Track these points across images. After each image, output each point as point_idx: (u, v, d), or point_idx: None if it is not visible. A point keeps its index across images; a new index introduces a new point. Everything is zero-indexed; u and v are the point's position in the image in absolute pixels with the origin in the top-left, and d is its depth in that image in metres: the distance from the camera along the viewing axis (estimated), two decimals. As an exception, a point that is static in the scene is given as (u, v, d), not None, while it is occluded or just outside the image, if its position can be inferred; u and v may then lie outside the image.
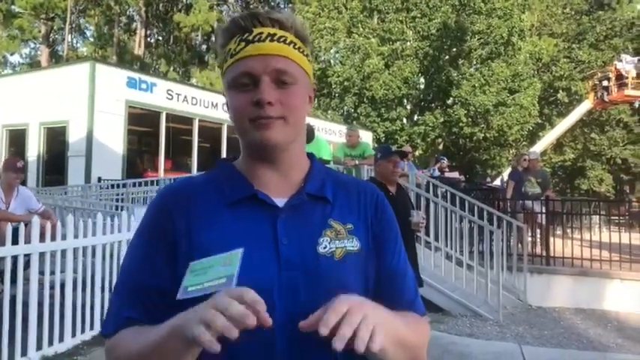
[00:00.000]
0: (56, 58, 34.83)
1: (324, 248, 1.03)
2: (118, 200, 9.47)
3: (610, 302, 7.82)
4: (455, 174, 11.45)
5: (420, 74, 25.99)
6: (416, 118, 26.91)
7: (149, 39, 38.90)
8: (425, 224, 4.57)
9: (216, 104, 15.26)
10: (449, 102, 25.91)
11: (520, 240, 8.33)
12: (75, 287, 4.66)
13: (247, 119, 1.02)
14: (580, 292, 8.06)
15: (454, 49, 25.55)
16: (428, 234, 7.24)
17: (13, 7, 31.10)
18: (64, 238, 4.56)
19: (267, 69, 1.01)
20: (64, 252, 4.55)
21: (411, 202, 4.93)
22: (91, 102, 12.01)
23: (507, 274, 7.77)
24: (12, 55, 36.95)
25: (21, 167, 6.11)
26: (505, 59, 24.95)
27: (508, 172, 11.74)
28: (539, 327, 6.71)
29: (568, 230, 10.10)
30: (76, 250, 4.71)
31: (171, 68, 35.61)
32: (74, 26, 37.35)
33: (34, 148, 13.19)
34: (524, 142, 29.22)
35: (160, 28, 39.36)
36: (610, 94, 23.55)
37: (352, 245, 1.06)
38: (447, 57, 25.86)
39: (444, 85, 25.76)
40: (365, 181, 1.29)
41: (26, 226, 4.26)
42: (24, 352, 4.03)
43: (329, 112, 27.87)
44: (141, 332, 0.96)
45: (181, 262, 0.99)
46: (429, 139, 25.91)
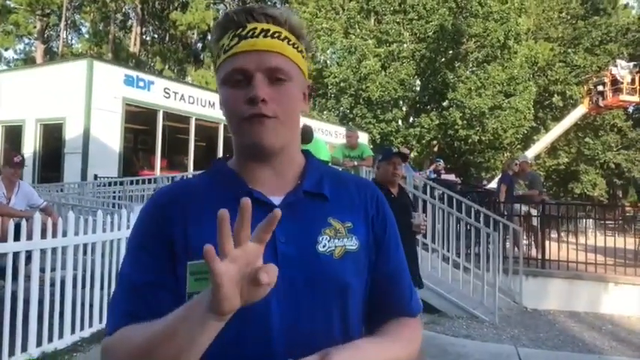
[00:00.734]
0: (51, 55, 34.73)
1: (324, 247, 1.01)
2: (114, 198, 9.45)
3: (604, 305, 7.88)
4: (451, 176, 11.50)
5: (416, 76, 26.06)
6: (411, 119, 27.00)
7: (145, 36, 38.81)
8: (426, 226, 4.60)
9: (213, 103, 15.23)
10: (444, 104, 25.99)
11: (516, 243, 8.38)
12: (75, 284, 4.66)
13: (240, 117, 1.01)
14: (575, 295, 8.13)
15: (450, 52, 25.65)
16: (425, 236, 7.27)
17: (9, 2, 31.00)
18: (64, 234, 4.56)
19: (260, 65, 1.00)
20: (64, 249, 4.55)
21: (412, 203, 4.96)
22: (88, 99, 11.98)
23: (503, 276, 7.81)
24: (6, 50, 36.82)
25: (18, 162, 6.07)
26: (501, 62, 25.07)
27: (500, 176, 11.82)
28: (535, 329, 6.76)
29: (562, 234, 10.18)
30: (76, 247, 4.72)
31: (167, 66, 35.56)
32: (69, 23, 37.24)
33: (30, 145, 13.13)
34: (518, 146, 29.35)
35: (156, 25, 39.29)
36: (605, 99, 23.69)
37: (351, 244, 1.04)
38: (444, 59, 25.95)
39: (439, 87, 25.84)
40: (365, 179, 1.27)
41: (27, 221, 4.26)
42: (24, 348, 4.04)
43: (324, 112, 27.90)
44: (143, 326, 0.91)
45: (180, 262, 0.97)
46: (425, 141, 25.99)
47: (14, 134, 13.71)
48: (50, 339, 4.32)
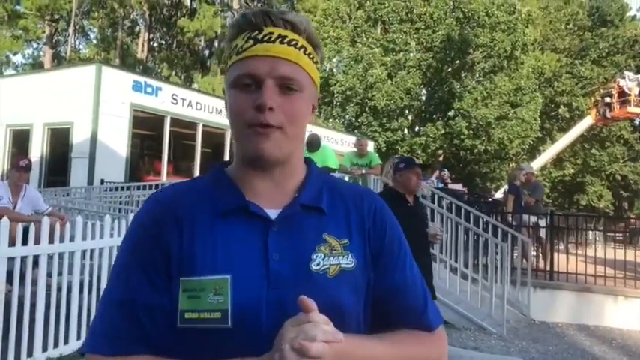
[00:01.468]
0: (59, 60, 34.90)
1: (317, 265, 0.97)
2: (121, 203, 9.43)
3: (614, 319, 7.78)
4: (458, 186, 11.45)
5: (422, 85, 26.07)
6: (417, 129, 26.98)
7: (152, 43, 38.98)
8: (442, 237, 4.54)
9: (221, 110, 15.23)
10: (450, 114, 25.97)
11: (524, 254, 8.31)
12: (81, 289, 4.63)
13: (245, 123, 0.96)
14: (583, 308, 8.04)
15: (457, 62, 25.66)
16: (433, 246, 7.23)
17: (18, 7, 31.19)
18: (72, 239, 4.54)
19: (272, 72, 0.96)
20: (72, 254, 4.53)
21: (426, 214, 4.91)
22: (96, 104, 12.00)
23: (511, 287, 7.75)
24: (15, 55, 37.05)
25: (24, 166, 5.95)
26: (508, 73, 25.07)
27: (507, 187, 11.79)
28: (543, 342, 6.69)
29: (569, 245, 10.10)
30: (84, 252, 4.69)
31: (174, 72, 35.68)
32: (78, 28, 37.43)
33: (38, 149, 13.15)
34: (524, 156, 29.28)
35: (164, 32, 39.45)
36: (612, 110, 23.64)
37: (347, 262, 0.99)
38: (450, 69, 25.96)
39: (446, 96, 25.84)
40: (365, 188, 1.19)
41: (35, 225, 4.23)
42: (29, 352, 4.01)
43: (330, 120, 27.91)
44: None
45: (174, 275, 0.95)
46: (430, 151, 25.95)
47: (22, 138, 13.73)
48: (56, 344, 4.29)
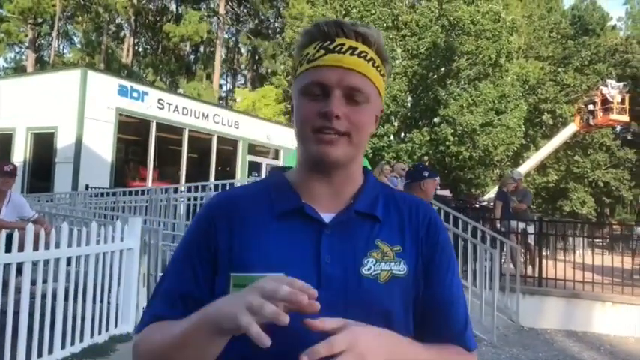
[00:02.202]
0: (42, 64, 34.57)
1: (369, 270, 0.98)
2: (106, 209, 9.31)
3: (602, 325, 7.80)
4: (446, 192, 11.46)
5: (408, 92, 26.18)
6: (403, 135, 27.05)
7: (137, 48, 38.79)
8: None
9: (207, 115, 15.18)
10: (436, 120, 26.08)
11: (513, 260, 8.32)
12: (66, 297, 4.52)
13: (310, 128, 0.99)
14: (572, 314, 8.06)
15: (442, 69, 25.79)
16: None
17: (1, 10, 30.87)
18: (57, 246, 4.43)
19: (341, 83, 0.98)
20: (57, 261, 4.42)
21: None
22: (81, 108, 11.88)
23: (500, 294, 7.74)
24: (-3, 58, 36.61)
25: (9, 171, 5.83)
26: (492, 80, 25.26)
27: (495, 193, 11.86)
28: (533, 349, 6.68)
29: (553, 251, 10.16)
30: (69, 259, 4.59)
31: (159, 78, 35.53)
32: (62, 32, 37.15)
33: (21, 154, 12.97)
34: (508, 163, 29.49)
35: (149, 37, 39.32)
36: (595, 118, 23.96)
37: (399, 269, 1.00)
38: (436, 76, 26.09)
39: (431, 103, 25.95)
40: (421, 200, 1.20)
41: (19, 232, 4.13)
42: (13, 363, 3.90)
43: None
44: (167, 326, 0.95)
45: (221, 273, 0.99)
46: (416, 157, 26.02)
47: (4, 143, 13.53)
48: (40, 354, 4.17)
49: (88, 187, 11.36)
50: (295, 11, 30.73)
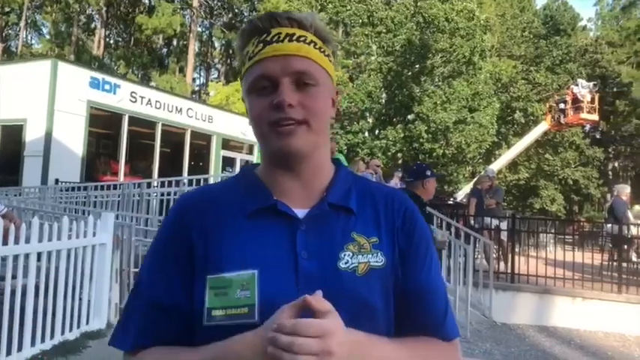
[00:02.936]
0: (9, 54, 33.79)
1: (346, 263, 0.96)
2: (77, 203, 9.12)
3: (572, 320, 7.95)
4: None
5: (383, 89, 26.30)
6: (378, 131, 27.18)
7: (109, 40, 38.17)
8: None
9: (181, 109, 15.00)
10: (410, 117, 26.28)
11: (487, 257, 8.42)
12: (37, 293, 4.41)
13: (267, 123, 0.96)
14: (544, 309, 8.19)
15: (417, 66, 25.99)
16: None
17: (-34, -1, 30.04)
18: (27, 241, 4.31)
19: (286, 70, 0.96)
20: (27, 256, 4.31)
21: None
22: (51, 101, 11.62)
23: (473, 290, 7.82)
24: (-38, 48, 35.63)
25: None
26: (466, 78, 25.56)
27: (470, 190, 12.01)
28: (506, 344, 6.77)
29: (525, 248, 10.31)
30: (40, 254, 4.47)
31: (131, 70, 35.00)
32: (30, 22, 36.35)
33: (-13, 147, 12.65)
34: (480, 160, 29.86)
35: (121, 29, 38.72)
36: (566, 116, 24.38)
37: (376, 260, 0.98)
38: (410, 73, 26.27)
39: (406, 100, 26.14)
40: (396, 189, 1.19)
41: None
42: (-20, 361, 3.79)
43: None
44: (174, 354, 0.93)
45: (198, 274, 0.96)
46: (390, 154, 26.18)
47: (-30, 135, 13.16)
48: (9, 352, 4.06)
49: (58, 182, 11.12)
50: (270, 5, 30.52)
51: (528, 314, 8.17)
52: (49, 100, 11.62)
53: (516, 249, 9.19)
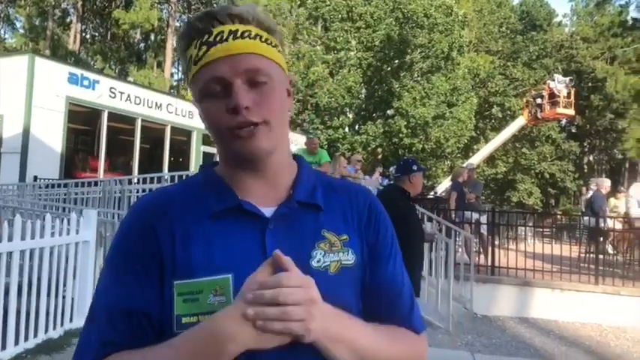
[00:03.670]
0: (-18, 49, 33.09)
1: (318, 262, 0.95)
2: (57, 200, 9.01)
3: (551, 311, 8.11)
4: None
5: (362, 84, 26.36)
6: (358, 127, 27.24)
7: (85, 34, 37.61)
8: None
9: (160, 105, 14.88)
10: (390, 112, 26.38)
11: (467, 250, 8.53)
12: (20, 292, 4.37)
13: (225, 128, 0.93)
14: (523, 301, 8.34)
15: (396, 61, 26.08)
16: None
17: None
18: (9, 239, 4.28)
19: (236, 71, 0.92)
20: (9, 254, 4.27)
21: None
22: (28, 96, 11.41)
23: (454, 283, 7.91)
24: None
25: None
26: (445, 73, 25.73)
27: (450, 184, 12.11)
28: (487, 335, 6.88)
29: (505, 241, 10.48)
30: (22, 252, 4.43)
31: (108, 65, 34.54)
32: (2, 16, 35.65)
33: (-38, 143, 12.39)
34: (458, 155, 30.14)
35: (97, 23, 38.18)
36: (543, 111, 24.67)
37: (347, 258, 0.98)
38: (390, 68, 26.36)
39: (385, 95, 26.23)
40: (357, 185, 1.18)
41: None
42: (-36, 361, 3.76)
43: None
44: (146, 352, 0.88)
45: (167, 281, 0.92)
46: (370, 149, 26.26)
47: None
48: (-8, 351, 4.04)
49: (36, 178, 10.96)
50: (249, 0, 30.39)
51: (508, 306, 8.31)
52: (27, 96, 11.42)
53: (496, 242, 9.33)
